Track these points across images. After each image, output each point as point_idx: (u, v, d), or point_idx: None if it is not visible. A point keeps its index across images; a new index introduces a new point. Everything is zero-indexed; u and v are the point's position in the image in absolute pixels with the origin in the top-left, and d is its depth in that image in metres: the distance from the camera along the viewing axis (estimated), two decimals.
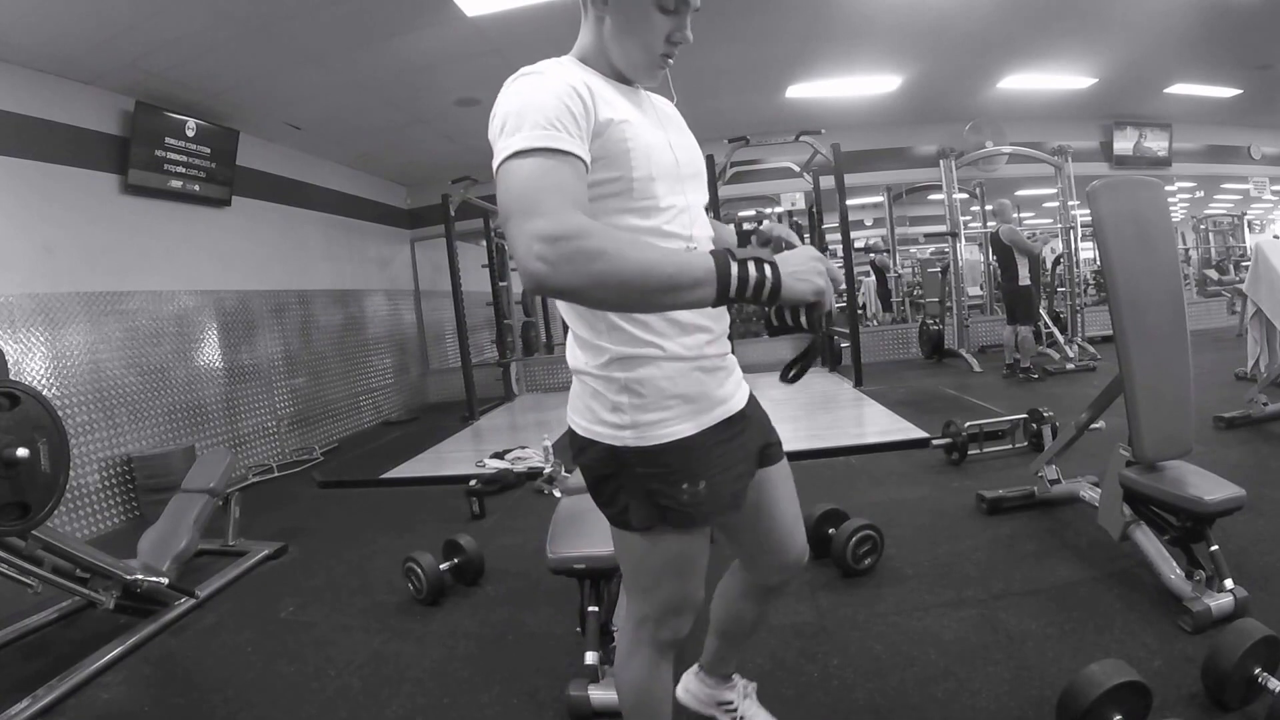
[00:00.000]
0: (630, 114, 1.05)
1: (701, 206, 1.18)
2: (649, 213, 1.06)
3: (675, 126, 1.19)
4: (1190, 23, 5.45)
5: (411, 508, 4.05)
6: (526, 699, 1.94)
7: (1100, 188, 2.16)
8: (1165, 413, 2.16)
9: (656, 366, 1.07)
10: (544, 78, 0.98)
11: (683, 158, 1.13)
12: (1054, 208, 8.07)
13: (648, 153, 1.05)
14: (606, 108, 1.02)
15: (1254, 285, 4.11)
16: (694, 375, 1.11)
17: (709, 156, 6.31)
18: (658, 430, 1.08)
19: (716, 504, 1.13)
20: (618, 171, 1.03)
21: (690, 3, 1.08)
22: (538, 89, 0.96)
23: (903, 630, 2.10)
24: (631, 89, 1.13)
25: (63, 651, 2.39)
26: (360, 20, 4.12)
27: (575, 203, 0.89)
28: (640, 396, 1.07)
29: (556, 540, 1.96)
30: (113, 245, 4.44)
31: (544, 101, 0.94)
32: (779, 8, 4.71)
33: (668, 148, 1.10)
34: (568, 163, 0.92)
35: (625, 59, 1.10)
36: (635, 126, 1.04)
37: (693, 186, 1.15)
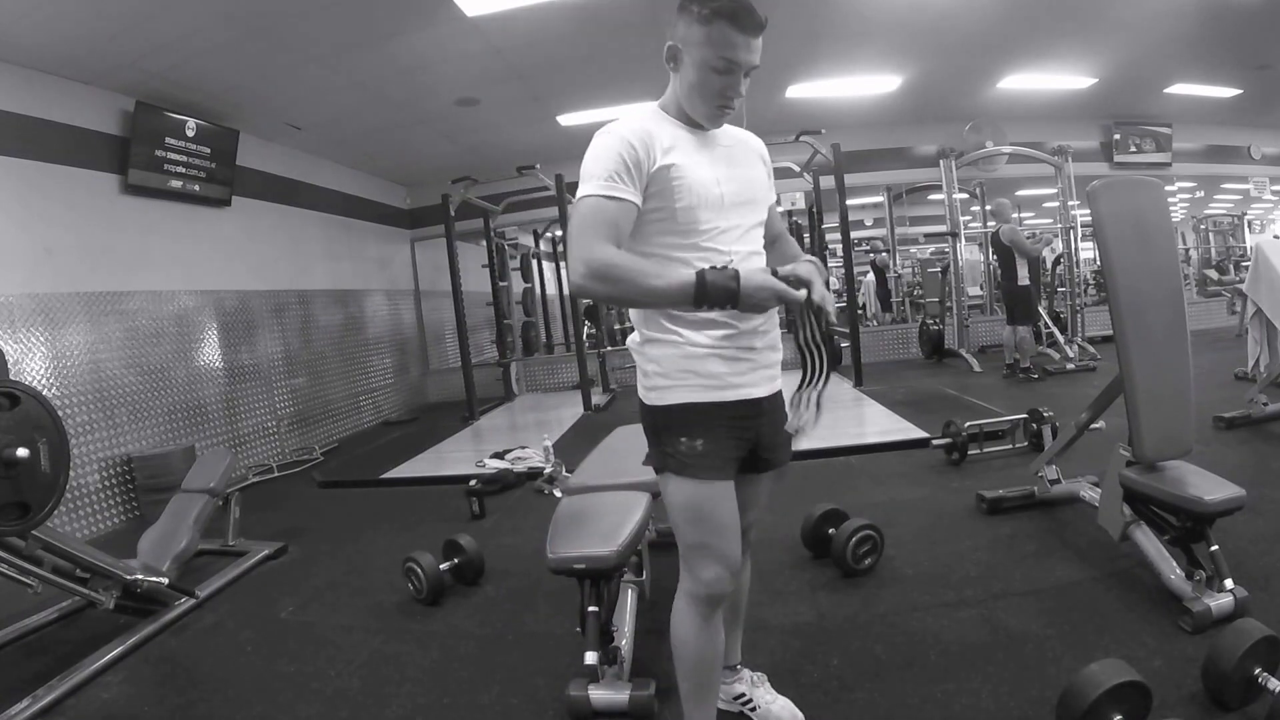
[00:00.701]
0: (686, 156, 1.34)
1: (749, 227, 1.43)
2: (689, 234, 1.34)
3: (737, 161, 1.43)
4: (1190, 23, 5.45)
5: (411, 508, 4.05)
6: (526, 699, 1.94)
7: (1100, 188, 2.16)
8: (1165, 413, 2.16)
9: (676, 348, 1.37)
10: (611, 136, 1.30)
11: (729, 190, 1.38)
12: (1054, 208, 8.07)
13: (691, 188, 1.33)
14: (663, 154, 1.32)
15: (1254, 285, 4.11)
16: (709, 360, 1.37)
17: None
18: (669, 394, 1.39)
19: (706, 462, 1.38)
20: (664, 202, 1.33)
21: (739, 64, 1.29)
22: (605, 145, 1.30)
23: (903, 630, 2.10)
24: (701, 130, 1.39)
25: (63, 651, 2.39)
26: (360, 20, 4.13)
27: (611, 236, 1.25)
28: (661, 367, 1.39)
29: (556, 540, 1.96)
30: (113, 245, 4.44)
31: (607, 156, 1.28)
32: (779, 8, 4.68)
33: (715, 183, 1.36)
34: (615, 204, 1.27)
35: (692, 109, 1.37)
36: (685, 168, 1.33)
37: (740, 213, 1.40)
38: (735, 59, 1.28)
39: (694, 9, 1.27)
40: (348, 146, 6.71)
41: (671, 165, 1.31)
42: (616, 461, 2.56)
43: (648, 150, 1.30)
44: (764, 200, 1.48)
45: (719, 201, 1.36)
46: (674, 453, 1.39)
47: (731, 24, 1.25)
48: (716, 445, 1.39)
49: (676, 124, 1.38)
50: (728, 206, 1.37)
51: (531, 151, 6.67)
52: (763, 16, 1.28)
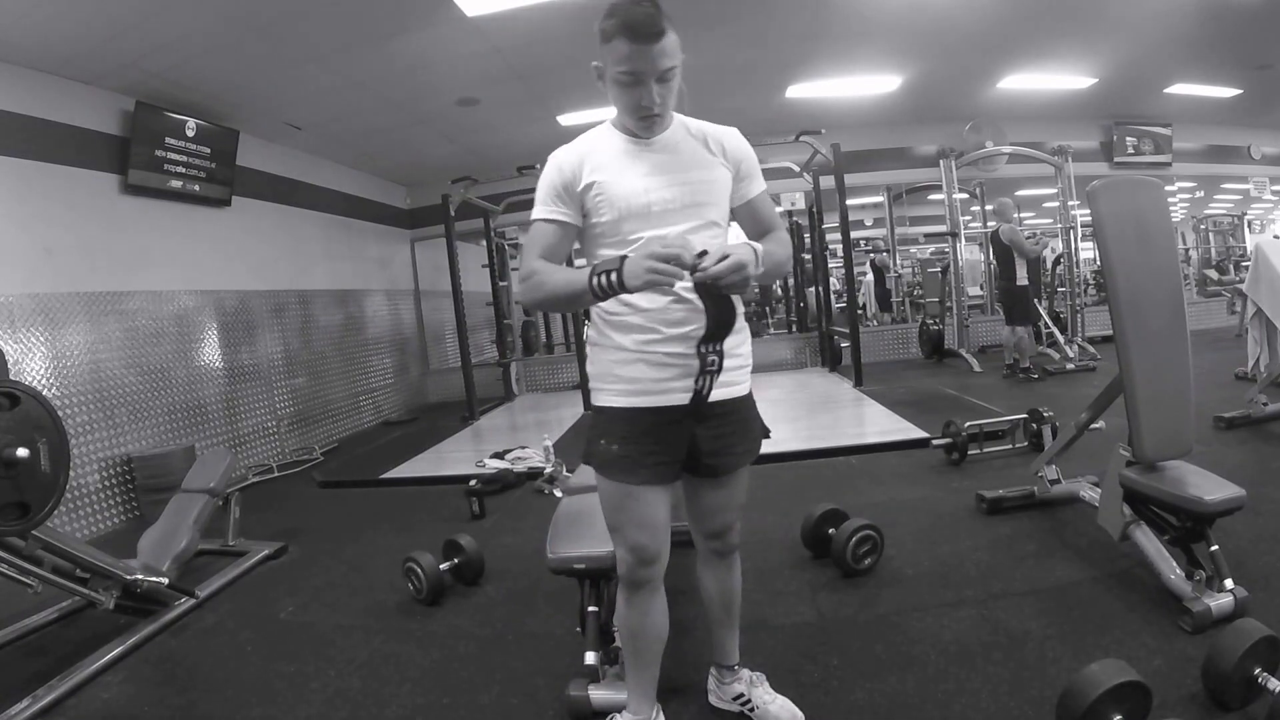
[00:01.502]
0: (615, 172, 1.40)
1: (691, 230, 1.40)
2: (620, 245, 1.40)
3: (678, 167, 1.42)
4: (1190, 23, 5.45)
5: (411, 508, 4.05)
6: (526, 699, 1.94)
7: (1100, 188, 2.16)
8: (1165, 413, 2.16)
9: (606, 352, 1.46)
10: (549, 163, 1.44)
11: (661, 198, 1.40)
12: (1054, 208, 8.08)
13: (614, 202, 1.39)
14: (591, 172, 1.41)
15: (1254, 285, 4.11)
16: (635, 364, 1.42)
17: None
18: (598, 397, 1.49)
19: (620, 465, 1.46)
20: (597, 218, 1.42)
21: (641, 74, 1.31)
22: (544, 172, 1.44)
23: (902, 630, 2.10)
24: (643, 142, 1.43)
25: (63, 651, 2.39)
26: (360, 20, 4.12)
27: (544, 252, 1.41)
28: (595, 370, 1.50)
29: (556, 540, 1.96)
30: (113, 245, 4.44)
31: (544, 182, 1.44)
32: (779, 8, 4.71)
33: (643, 193, 1.40)
34: (549, 225, 1.43)
35: (624, 122, 1.43)
36: (608, 184, 1.40)
37: (676, 218, 1.40)
38: (635, 70, 1.30)
39: (598, 29, 1.32)
40: (348, 146, 6.71)
41: (594, 183, 1.40)
42: None
43: (575, 172, 1.41)
44: (714, 202, 1.45)
45: (645, 211, 1.39)
46: (594, 451, 1.49)
47: (626, 37, 1.27)
48: (632, 450, 1.44)
49: (621, 137, 1.43)
50: (657, 215, 1.39)
51: (531, 151, 6.62)
52: (659, 24, 1.27)
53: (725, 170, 1.47)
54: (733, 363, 1.46)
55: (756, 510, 3.30)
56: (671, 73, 1.33)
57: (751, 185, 1.52)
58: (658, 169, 1.41)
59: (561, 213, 1.43)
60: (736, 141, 1.51)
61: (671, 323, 1.39)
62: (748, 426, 1.57)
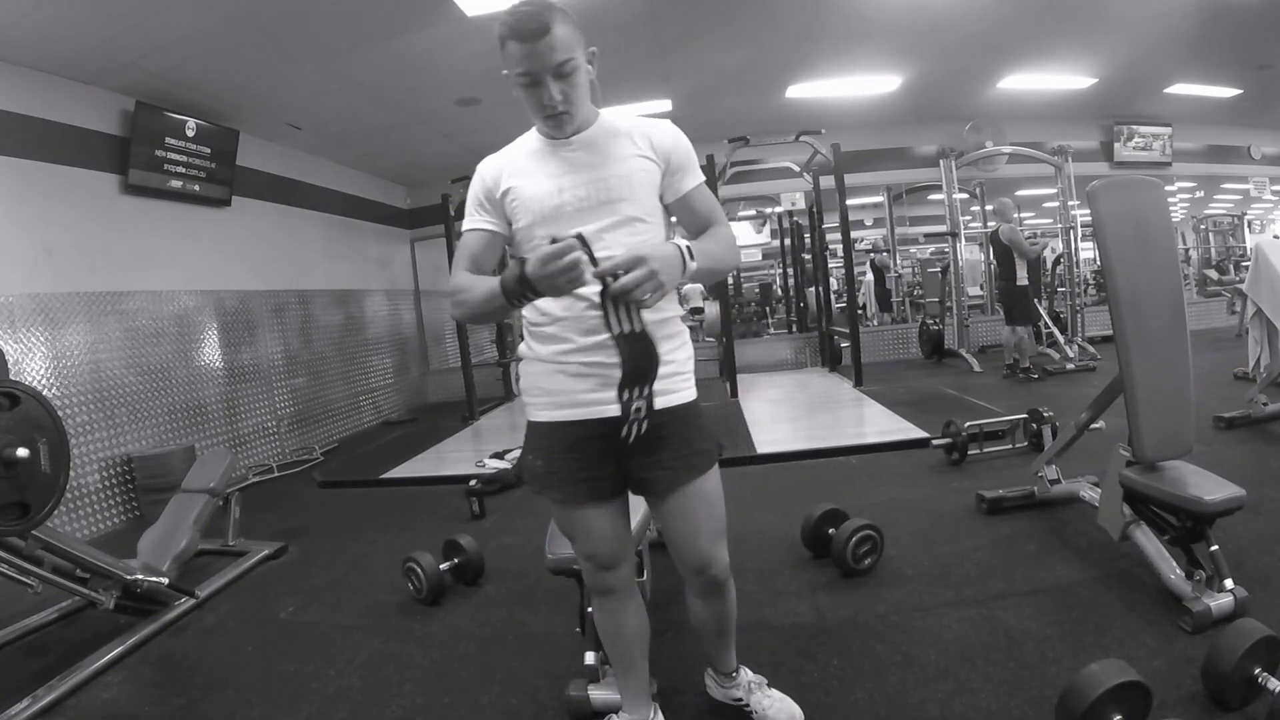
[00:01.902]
0: (528, 176, 1.39)
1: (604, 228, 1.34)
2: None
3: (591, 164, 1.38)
4: (1190, 23, 5.46)
5: (411, 508, 4.05)
6: (526, 699, 1.94)
7: (1100, 188, 2.16)
8: (1165, 413, 2.16)
9: (530, 364, 1.44)
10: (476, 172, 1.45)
11: (573, 197, 1.36)
12: (1054, 208, 8.08)
13: (527, 206, 1.38)
14: (508, 179, 1.40)
15: (1254, 285, 4.11)
16: (556, 376, 1.38)
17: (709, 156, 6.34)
18: (527, 410, 1.48)
19: (545, 481, 1.44)
20: (516, 224, 1.41)
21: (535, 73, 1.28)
22: (472, 182, 1.46)
23: (903, 630, 2.10)
24: (559, 142, 1.39)
25: (63, 651, 2.39)
26: (360, 20, 4.13)
27: (469, 264, 1.41)
28: (524, 384, 1.48)
29: (556, 540, 1.96)
30: (113, 245, 4.44)
31: (470, 194, 1.46)
32: (779, 8, 4.71)
33: (555, 194, 1.36)
34: (474, 234, 1.44)
35: (536, 124, 1.40)
36: (521, 189, 1.38)
37: (588, 217, 1.34)
38: (528, 70, 1.27)
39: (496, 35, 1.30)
40: (348, 146, 6.71)
41: (509, 189, 1.40)
42: None
43: (495, 180, 1.42)
44: (632, 197, 1.37)
45: (556, 212, 1.35)
46: (524, 466, 1.48)
47: (514, 39, 1.25)
48: (558, 465, 1.42)
49: (540, 140, 1.41)
50: (569, 215, 1.34)
51: None
52: (543, 19, 1.24)
53: (648, 163, 1.39)
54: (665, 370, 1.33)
55: (756, 510, 3.30)
56: (568, 66, 1.28)
57: (685, 179, 1.44)
58: (572, 168, 1.37)
59: (486, 221, 1.43)
60: (664, 133, 1.43)
61: (586, 330, 1.33)
62: (684, 438, 1.42)
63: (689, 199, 1.44)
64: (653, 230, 1.39)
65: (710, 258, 1.34)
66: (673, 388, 1.41)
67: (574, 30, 1.30)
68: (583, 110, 1.36)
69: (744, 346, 8.02)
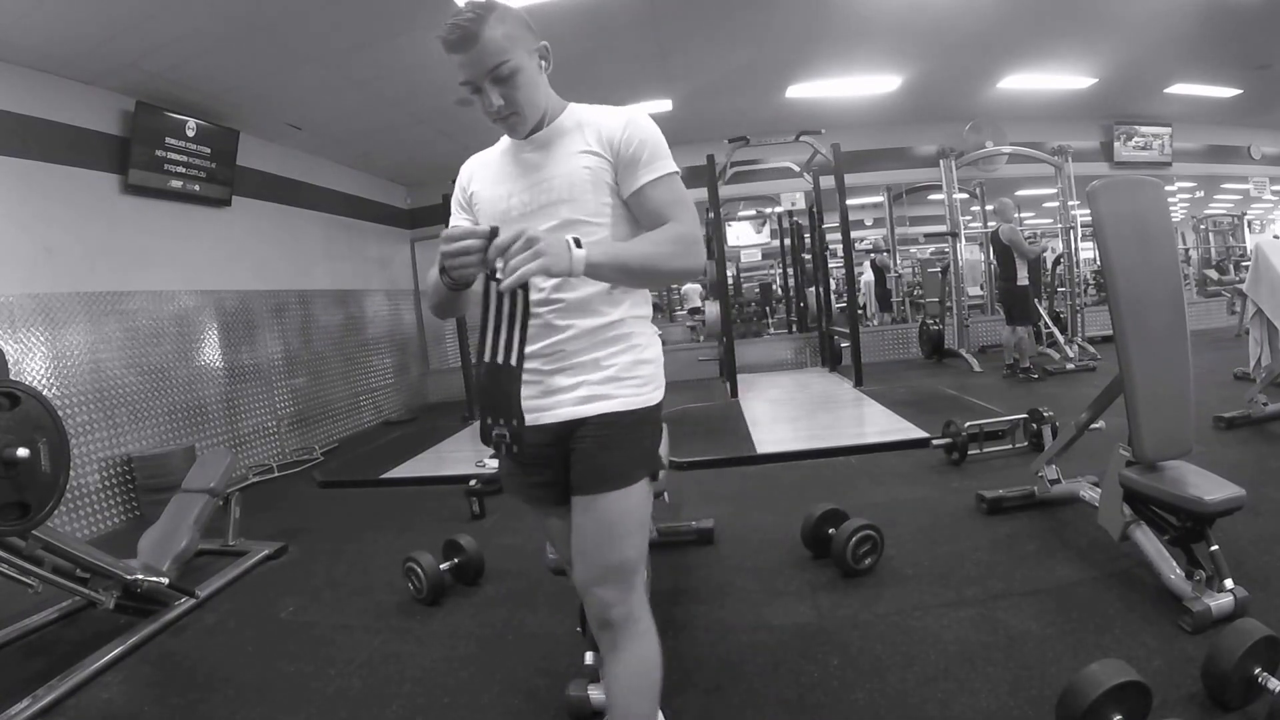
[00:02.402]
0: (488, 179, 1.39)
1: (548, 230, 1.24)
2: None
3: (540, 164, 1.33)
4: (1190, 23, 5.46)
5: (411, 508, 4.05)
6: (526, 699, 1.94)
7: (1100, 188, 2.16)
8: (1165, 413, 2.16)
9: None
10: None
11: (520, 200, 1.33)
12: (1054, 208, 8.08)
13: (484, 209, 1.38)
14: (474, 182, 1.41)
15: (1254, 285, 4.11)
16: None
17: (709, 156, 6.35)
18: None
19: (507, 485, 1.44)
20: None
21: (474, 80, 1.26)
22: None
23: (903, 630, 2.10)
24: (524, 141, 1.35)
25: (63, 651, 2.39)
26: (360, 20, 4.13)
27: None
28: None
29: None
30: (113, 245, 4.44)
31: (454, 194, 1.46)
32: (779, 8, 4.71)
33: (506, 197, 1.35)
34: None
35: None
36: (480, 193, 1.39)
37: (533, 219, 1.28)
38: (467, 79, 1.26)
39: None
40: (348, 146, 6.71)
41: (473, 193, 1.41)
42: None
43: (466, 182, 1.44)
44: (573, 198, 1.29)
45: (504, 217, 1.31)
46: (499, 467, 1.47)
47: (449, 49, 1.24)
48: (511, 470, 1.41)
49: (509, 142, 1.39)
50: (517, 218, 1.30)
51: None
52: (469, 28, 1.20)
53: (594, 159, 1.29)
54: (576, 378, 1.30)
55: (756, 510, 3.30)
56: (504, 68, 1.23)
57: (636, 173, 1.29)
58: (523, 170, 1.34)
59: (456, 218, 1.44)
60: (614, 124, 1.30)
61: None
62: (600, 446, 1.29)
63: (640, 196, 1.29)
64: (601, 233, 1.28)
65: (623, 254, 1.21)
66: (604, 393, 1.29)
67: (514, 28, 1.24)
68: (534, 110, 1.30)
69: (744, 346, 8.02)
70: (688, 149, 6.73)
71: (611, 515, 1.30)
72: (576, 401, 1.30)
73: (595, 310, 1.30)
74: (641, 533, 1.35)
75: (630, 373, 1.32)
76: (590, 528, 1.30)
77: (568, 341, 1.30)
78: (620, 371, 1.31)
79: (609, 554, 1.30)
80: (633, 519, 1.32)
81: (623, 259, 1.19)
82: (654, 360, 1.38)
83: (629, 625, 1.32)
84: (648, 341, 1.37)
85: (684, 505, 3.44)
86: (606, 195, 1.30)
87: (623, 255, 1.20)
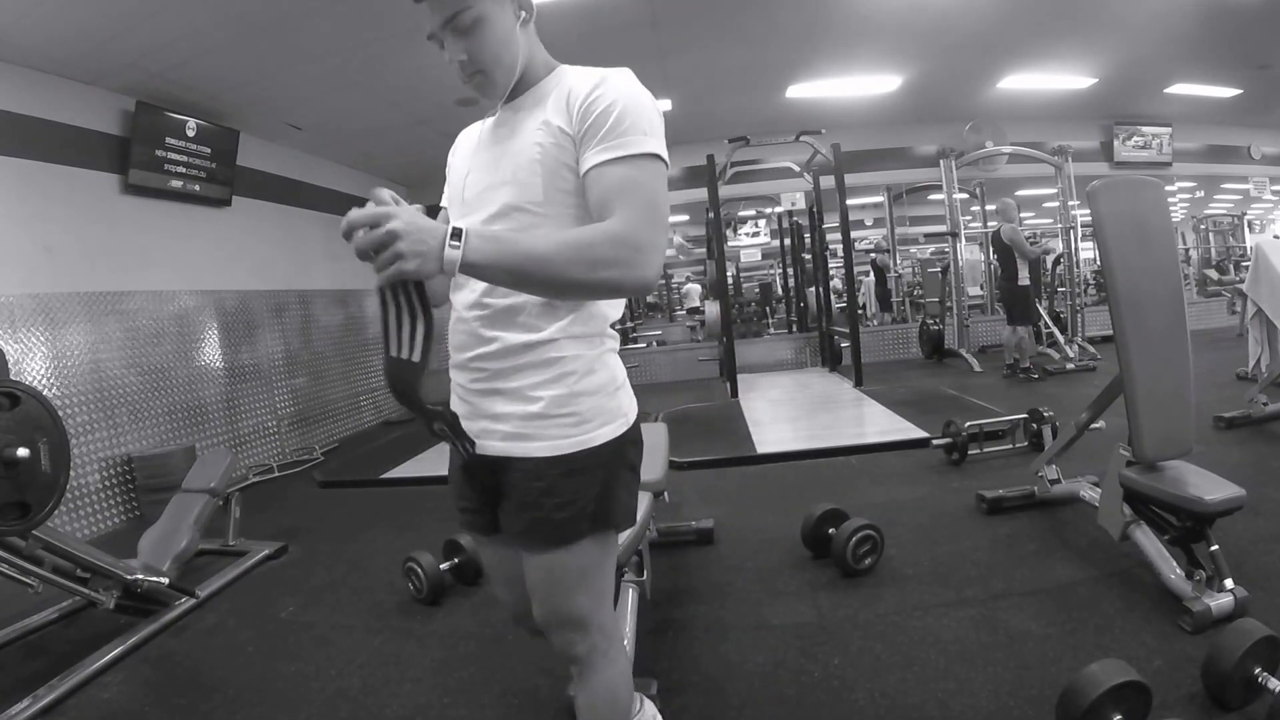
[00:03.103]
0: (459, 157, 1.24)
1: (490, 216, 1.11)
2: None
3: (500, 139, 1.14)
4: (1190, 23, 5.46)
5: (412, 507, 4.04)
6: (527, 699, 1.94)
7: (1100, 188, 2.16)
8: (1165, 413, 2.17)
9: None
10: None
11: (472, 180, 1.16)
12: (1054, 208, 8.08)
13: (449, 190, 1.26)
14: (455, 155, 1.27)
15: (1254, 285, 4.12)
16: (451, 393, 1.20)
17: (709, 156, 6.35)
18: None
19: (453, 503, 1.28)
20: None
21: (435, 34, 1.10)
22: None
23: (903, 630, 2.10)
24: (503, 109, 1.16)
25: (63, 651, 2.39)
26: (360, 20, 4.12)
27: None
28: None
29: None
30: (113, 245, 4.43)
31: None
32: (779, 8, 4.71)
33: (463, 176, 1.19)
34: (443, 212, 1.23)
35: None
36: (450, 170, 1.26)
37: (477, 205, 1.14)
38: (431, 32, 1.10)
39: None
40: (348, 146, 6.70)
41: (449, 167, 1.28)
42: None
43: (451, 155, 1.29)
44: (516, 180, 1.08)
45: (460, 197, 1.18)
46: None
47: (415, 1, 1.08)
48: (452, 489, 1.28)
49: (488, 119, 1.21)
50: (470, 199, 1.15)
51: None
52: None
53: (553, 133, 1.06)
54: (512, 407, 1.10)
55: (757, 510, 3.30)
56: (465, 16, 1.04)
57: (591, 152, 1.02)
58: (489, 144, 1.16)
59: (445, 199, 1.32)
60: (584, 87, 1.05)
61: (455, 345, 1.16)
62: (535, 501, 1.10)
63: (587, 180, 1.03)
64: (542, 224, 1.06)
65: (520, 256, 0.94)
66: (529, 432, 1.09)
67: None
68: (503, 69, 1.09)
69: (744, 346, 8.01)
70: (688, 149, 6.75)
71: (556, 573, 1.15)
72: (503, 437, 1.11)
73: (522, 323, 1.08)
74: (599, 582, 1.20)
75: (561, 408, 1.09)
76: (537, 577, 1.18)
77: (492, 358, 1.10)
78: (548, 407, 1.08)
79: (560, 604, 1.18)
80: (582, 575, 1.16)
81: (517, 262, 0.94)
82: (595, 391, 1.11)
83: (595, 657, 1.22)
84: (586, 367, 1.11)
85: (684, 505, 3.44)
86: (565, 178, 1.06)
87: (518, 257, 0.94)
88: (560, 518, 1.10)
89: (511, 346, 1.09)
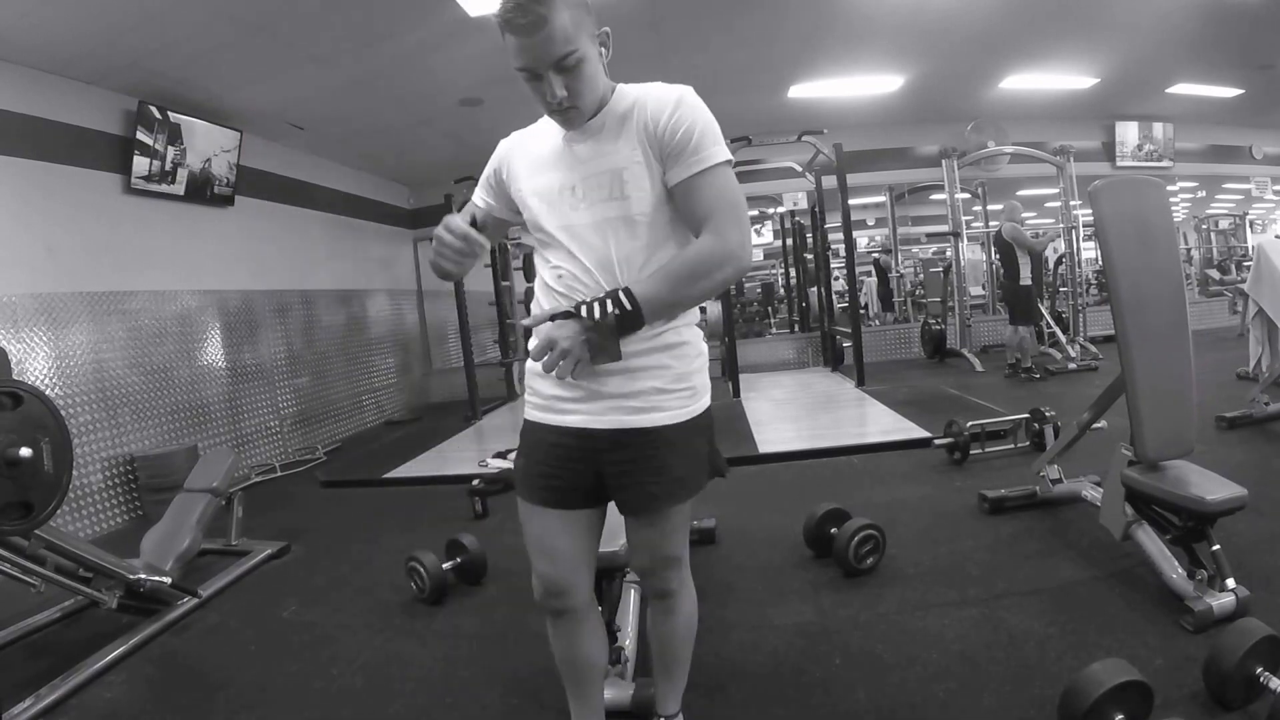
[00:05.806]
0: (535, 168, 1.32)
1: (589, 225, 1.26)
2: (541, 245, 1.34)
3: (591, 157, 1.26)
4: (1192, 23, 5.45)
5: (414, 507, 4.05)
6: (529, 699, 1.94)
7: (1102, 188, 2.16)
8: (1167, 412, 2.16)
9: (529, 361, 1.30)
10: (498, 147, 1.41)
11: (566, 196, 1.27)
12: (1056, 208, 8.07)
13: (527, 200, 1.32)
14: (515, 164, 1.35)
15: (1255, 285, 4.11)
16: (537, 378, 1.33)
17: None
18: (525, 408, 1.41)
19: (522, 481, 1.38)
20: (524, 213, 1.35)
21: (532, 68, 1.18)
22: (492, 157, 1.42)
23: (905, 630, 2.10)
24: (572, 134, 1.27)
25: (66, 651, 2.40)
26: (363, 20, 4.13)
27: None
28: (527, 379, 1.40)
29: None
30: (115, 245, 4.44)
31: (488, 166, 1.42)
32: (780, 8, 4.71)
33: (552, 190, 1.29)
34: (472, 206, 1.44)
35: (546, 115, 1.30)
36: (524, 179, 1.32)
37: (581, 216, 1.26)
38: (526, 65, 1.17)
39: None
40: (350, 146, 6.71)
41: (514, 176, 1.35)
42: None
43: (502, 162, 1.38)
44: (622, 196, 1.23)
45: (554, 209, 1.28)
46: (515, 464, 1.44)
47: (509, 31, 1.14)
48: (532, 468, 1.35)
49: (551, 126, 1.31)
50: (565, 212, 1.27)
51: None
52: (533, 12, 1.10)
53: (641, 150, 1.22)
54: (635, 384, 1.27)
55: (759, 509, 3.30)
56: (571, 59, 1.15)
57: (680, 166, 1.21)
58: (573, 161, 1.27)
59: (482, 199, 1.43)
60: (664, 108, 1.22)
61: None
62: (664, 463, 1.30)
63: (683, 190, 1.22)
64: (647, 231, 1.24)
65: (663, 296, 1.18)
66: (654, 405, 1.28)
67: (578, 13, 1.15)
68: (593, 102, 1.23)
69: (746, 346, 8.02)
70: None
71: (673, 522, 1.38)
72: (630, 411, 1.27)
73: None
74: (688, 525, 1.46)
75: (680, 383, 1.30)
76: (651, 533, 1.38)
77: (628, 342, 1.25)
78: (672, 382, 1.29)
79: (669, 549, 1.41)
80: (685, 521, 1.42)
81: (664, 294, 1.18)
82: (701, 369, 1.37)
83: (683, 589, 1.49)
84: (696, 350, 1.35)
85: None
86: (658, 190, 1.24)
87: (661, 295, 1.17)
88: (686, 475, 1.33)
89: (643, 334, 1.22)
